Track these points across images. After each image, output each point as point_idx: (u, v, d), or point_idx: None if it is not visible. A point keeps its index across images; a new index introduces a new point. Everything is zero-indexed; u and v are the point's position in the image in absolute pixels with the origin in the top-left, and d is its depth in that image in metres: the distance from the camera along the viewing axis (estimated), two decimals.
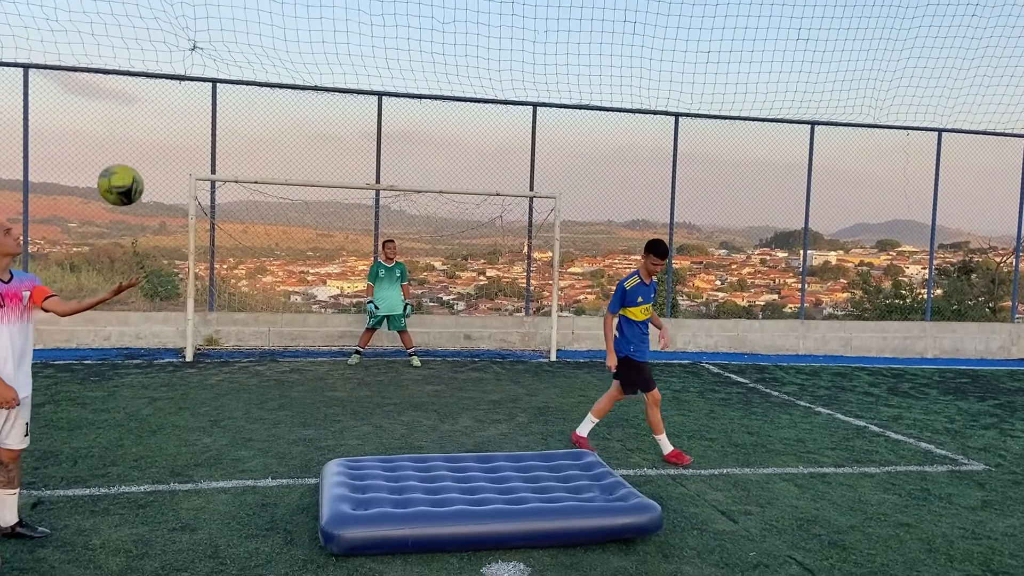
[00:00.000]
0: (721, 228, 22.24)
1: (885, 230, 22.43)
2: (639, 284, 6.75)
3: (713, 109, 13.91)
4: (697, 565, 4.59)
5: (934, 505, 5.88)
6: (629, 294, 6.74)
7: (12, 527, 4.62)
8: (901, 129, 14.52)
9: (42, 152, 11.64)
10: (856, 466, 6.90)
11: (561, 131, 13.73)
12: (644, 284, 6.78)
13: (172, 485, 5.68)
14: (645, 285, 6.79)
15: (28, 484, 5.56)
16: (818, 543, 5.01)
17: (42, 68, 11.49)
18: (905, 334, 14.79)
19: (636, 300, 6.73)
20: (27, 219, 11.67)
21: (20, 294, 4.51)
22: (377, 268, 11.49)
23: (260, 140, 13.13)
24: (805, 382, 11.28)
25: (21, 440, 4.62)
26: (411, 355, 11.56)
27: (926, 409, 9.65)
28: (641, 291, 6.75)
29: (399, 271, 11.49)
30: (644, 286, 6.78)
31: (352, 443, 7.04)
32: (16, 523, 4.64)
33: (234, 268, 17.08)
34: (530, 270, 13.99)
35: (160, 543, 4.62)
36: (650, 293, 6.84)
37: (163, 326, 12.24)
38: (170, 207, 14.87)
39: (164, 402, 8.42)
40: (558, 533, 4.71)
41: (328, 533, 4.49)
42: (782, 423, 8.53)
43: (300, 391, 9.27)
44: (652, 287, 6.89)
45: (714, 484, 6.19)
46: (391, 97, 12.75)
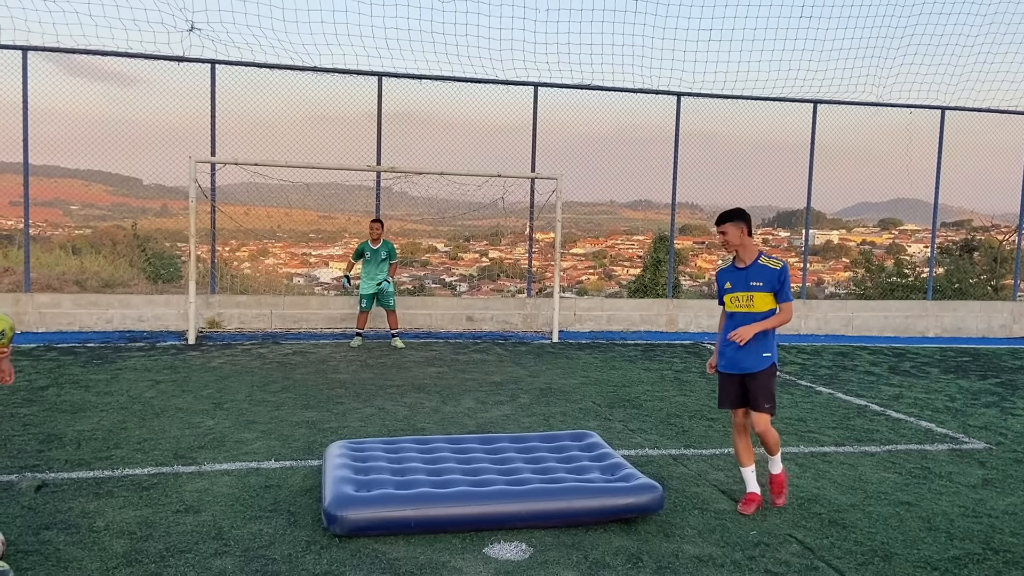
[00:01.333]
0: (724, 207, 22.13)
1: (888, 209, 22.36)
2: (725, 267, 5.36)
3: (715, 88, 13.85)
4: (698, 544, 4.62)
5: (934, 483, 5.90)
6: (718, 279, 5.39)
7: None
8: (904, 107, 14.43)
9: (43, 134, 11.62)
10: (857, 445, 6.92)
11: (563, 111, 13.67)
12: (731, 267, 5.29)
13: (176, 467, 5.72)
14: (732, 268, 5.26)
15: (32, 467, 5.60)
16: (818, 521, 5.04)
17: (41, 50, 11.43)
18: (907, 313, 14.78)
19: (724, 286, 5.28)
20: (28, 202, 11.66)
21: None
22: (363, 248, 11.50)
23: (260, 122, 13.07)
24: (806, 362, 11.29)
25: None
26: (394, 336, 11.59)
27: (927, 388, 9.67)
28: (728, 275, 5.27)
29: (385, 251, 11.46)
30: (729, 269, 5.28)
31: (355, 425, 7.07)
32: None
33: (236, 250, 17.08)
34: (532, 251, 13.97)
35: (164, 525, 4.66)
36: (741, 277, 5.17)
37: (165, 309, 12.25)
38: (171, 189, 14.86)
39: (167, 385, 8.45)
40: (560, 513, 4.73)
41: (331, 514, 4.51)
42: (783, 403, 8.54)
43: (303, 373, 9.30)
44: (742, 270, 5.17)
45: (715, 464, 6.21)
46: (391, 78, 12.68)
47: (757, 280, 5.08)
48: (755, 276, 5.09)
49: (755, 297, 5.08)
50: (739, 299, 5.15)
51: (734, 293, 5.17)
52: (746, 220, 5.12)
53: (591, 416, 7.69)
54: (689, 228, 22.25)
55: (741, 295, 5.14)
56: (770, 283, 5.06)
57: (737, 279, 5.16)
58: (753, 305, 5.10)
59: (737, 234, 5.10)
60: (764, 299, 5.08)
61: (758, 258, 5.15)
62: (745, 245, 5.13)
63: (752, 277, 5.10)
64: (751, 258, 5.14)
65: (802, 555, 4.52)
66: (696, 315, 13.99)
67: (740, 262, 5.18)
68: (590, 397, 8.51)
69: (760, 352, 5.14)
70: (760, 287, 5.07)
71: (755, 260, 5.13)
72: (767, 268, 5.09)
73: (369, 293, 11.39)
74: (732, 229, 5.10)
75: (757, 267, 5.11)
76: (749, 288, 5.10)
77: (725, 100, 13.93)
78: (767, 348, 5.17)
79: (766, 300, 5.08)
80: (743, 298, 5.13)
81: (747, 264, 5.14)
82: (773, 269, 5.08)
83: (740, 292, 5.14)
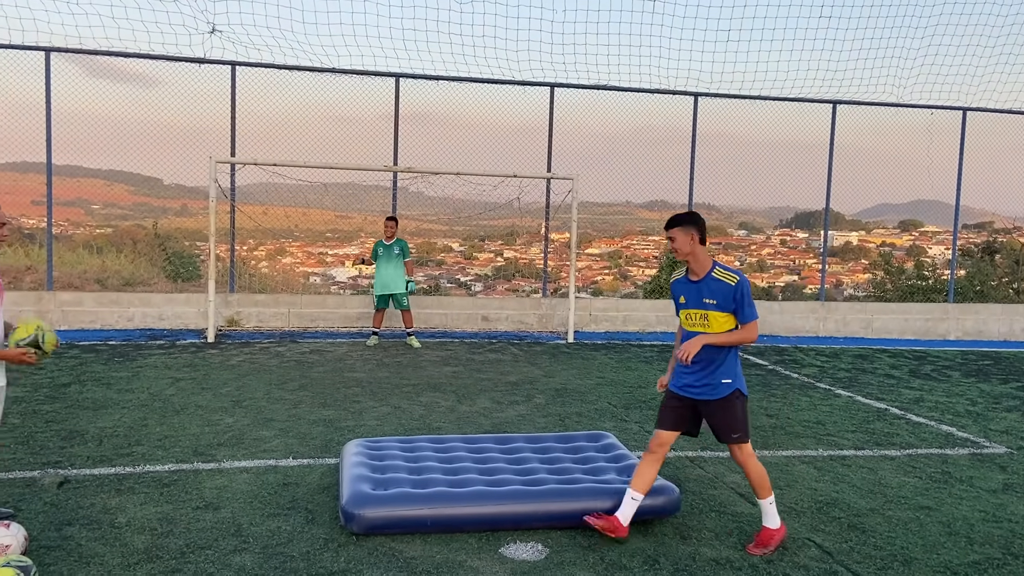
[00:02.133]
0: (741, 209, 22.09)
1: (908, 210, 22.17)
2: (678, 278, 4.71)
3: (733, 88, 13.77)
4: (715, 547, 4.61)
5: (955, 488, 5.85)
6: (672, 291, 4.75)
7: None
8: (925, 108, 14.30)
9: (65, 135, 11.77)
10: (876, 449, 6.87)
11: (579, 112, 13.65)
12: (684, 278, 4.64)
13: (195, 464, 5.77)
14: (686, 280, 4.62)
15: (55, 463, 5.67)
16: (837, 525, 5.01)
17: (64, 51, 11.57)
18: (927, 316, 14.65)
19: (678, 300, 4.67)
20: (51, 201, 11.80)
21: (1, 283, 4.59)
22: (377, 247, 11.53)
23: (279, 122, 13.17)
24: (825, 364, 11.22)
25: None
26: (409, 335, 11.62)
27: (948, 391, 9.58)
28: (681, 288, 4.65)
29: (398, 248, 11.47)
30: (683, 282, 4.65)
31: (371, 424, 7.10)
32: None
33: (254, 250, 17.20)
34: (547, 251, 13.97)
35: (184, 521, 4.70)
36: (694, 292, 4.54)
37: (185, 307, 12.36)
38: (191, 189, 14.99)
39: (187, 382, 8.52)
40: (576, 514, 4.73)
41: (348, 512, 4.54)
42: (801, 405, 8.50)
43: (320, 372, 9.35)
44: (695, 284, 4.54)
45: (733, 467, 6.18)
46: (408, 79, 12.72)
47: (710, 297, 4.44)
48: (708, 292, 4.45)
49: (710, 316, 4.44)
50: (692, 317, 4.51)
51: (688, 310, 4.54)
52: (698, 225, 4.47)
53: (607, 417, 7.68)
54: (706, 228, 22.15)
55: (694, 312, 4.50)
56: (725, 301, 4.41)
57: (690, 294, 4.53)
58: (708, 325, 4.45)
59: (686, 241, 4.44)
60: (720, 319, 4.43)
61: (712, 270, 4.48)
62: (696, 255, 4.46)
63: (705, 293, 4.46)
64: (704, 270, 4.49)
65: (820, 559, 4.49)
66: None
67: (693, 274, 4.54)
68: (606, 398, 8.50)
69: (718, 378, 4.48)
70: (714, 305, 4.43)
71: (708, 273, 4.48)
72: (722, 283, 4.42)
73: (383, 294, 11.43)
74: (680, 235, 4.44)
75: (711, 281, 4.46)
76: (702, 305, 4.46)
77: (743, 100, 13.86)
78: (726, 373, 4.48)
79: (723, 320, 4.43)
80: (696, 316, 4.50)
81: (700, 277, 4.50)
82: (728, 284, 4.41)
83: (693, 309, 4.51)
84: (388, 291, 11.40)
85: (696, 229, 4.45)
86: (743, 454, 4.59)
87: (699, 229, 4.47)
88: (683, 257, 4.50)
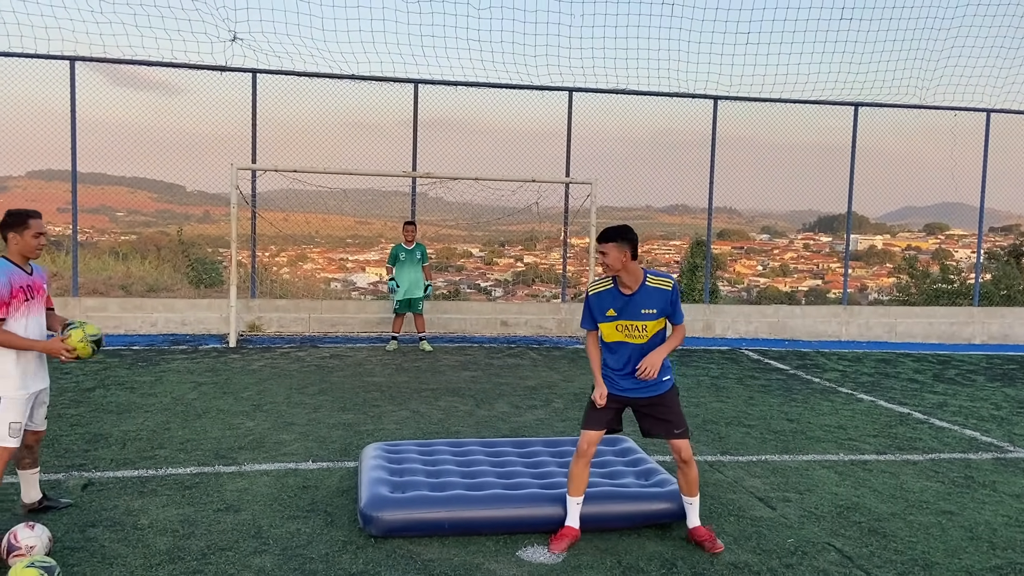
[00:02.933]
0: (763, 212, 21.96)
1: (933, 213, 21.93)
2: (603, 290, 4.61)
3: (753, 91, 13.70)
4: (734, 551, 4.58)
5: (978, 493, 5.77)
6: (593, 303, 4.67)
7: (39, 502, 4.85)
8: (948, 110, 14.14)
9: (90, 143, 11.95)
10: (898, 453, 6.79)
11: (598, 116, 13.65)
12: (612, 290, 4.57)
13: (217, 467, 5.83)
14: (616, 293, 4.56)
15: (79, 466, 5.75)
16: (858, 530, 4.96)
17: (88, 60, 11.75)
18: (952, 319, 14.47)
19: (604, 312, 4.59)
20: (76, 208, 11.99)
21: (43, 286, 4.72)
22: (397, 251, 11.60)
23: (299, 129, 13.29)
24: (847, 368, 11.11)
25: (43, 423, 4.86)
26: (421, 339, 11.67)
27: (972, 396, 9.45)
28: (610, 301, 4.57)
29: (419, 252, 11.56)
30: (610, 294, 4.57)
31: (390, 427, 7.14)
32: (41, 498, 4.87)
33: (275, 256, 17.35)
34: (566, 256, 13.96)
35: (206, 523, 4.75)
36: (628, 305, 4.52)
37: (207, 312, 12.49)
38: (213, 196, 15.14)
39: (209, 387, 8.61)
40: (594, 518, 4.73)
41: (367, 515, 4.57)
42: (823, 410, 8.43)
43: (339, 376, 9.41)
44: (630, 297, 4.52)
45: (752, 471, 6.15)
46: (427, 84, 12.79)
47: (650, 307, 4.46)
48: (647, 302, 4.46)
49: (648, 326, 4.48)
50: (629, 328, 4.48)
51: (620, 321, 4.49)
52: (631, 241, 4.40)
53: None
54: (727, 233, 22.06)
55: (631, 324, 4.48)
56: (664, 306, 4.48)
57: (624, 306, 4.48)
58: (646, 334, 4.49)
59: (619, 257, 4.38)
60: (654, 325, 4.51)
61: (645, 280, 4.49)
62: (628, 269, 4.43)
63: (644, 304, 4.46)
64: (637, 282, 4.48)
65: (841, 564, 4.46)
66: (734, 321, 13.85)
67: (624, 287, 4.49)
68: None
69: (660, 375, 4.59)
70: (654, 314, 4.47)
71: (643, 283, 4.48)
72: (659, 290, 4.47)
73: (405, 298, 11.50)
74: (614, 251, 4.38)
75: (647, 291, 4.47)
76: (641, 316, 4.46)
77: (763, 103, 13.79)
78: (665, 371, 4.64)
79: (657, 325, 4.52)
80: (635, 328, 4.48)
81: (634, 289, 4.47)
82: (665, 290, 4.49)
83: (630, 321, 4.47)
84: (410, 295, 11.48)
85: (629, 246, 4.41)
86: (689, 450, 4.64)
87: (632, 246, 4.43)
88: (613, 272, 4.47)
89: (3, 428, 4.42)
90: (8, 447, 4.44)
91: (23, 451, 4.76)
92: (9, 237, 4.54)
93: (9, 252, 4.56)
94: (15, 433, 4.45)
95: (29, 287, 4.54)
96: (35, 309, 4.58)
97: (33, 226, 4.54)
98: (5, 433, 4.42)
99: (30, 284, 4.56)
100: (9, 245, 4.56)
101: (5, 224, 4.54)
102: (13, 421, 4.44)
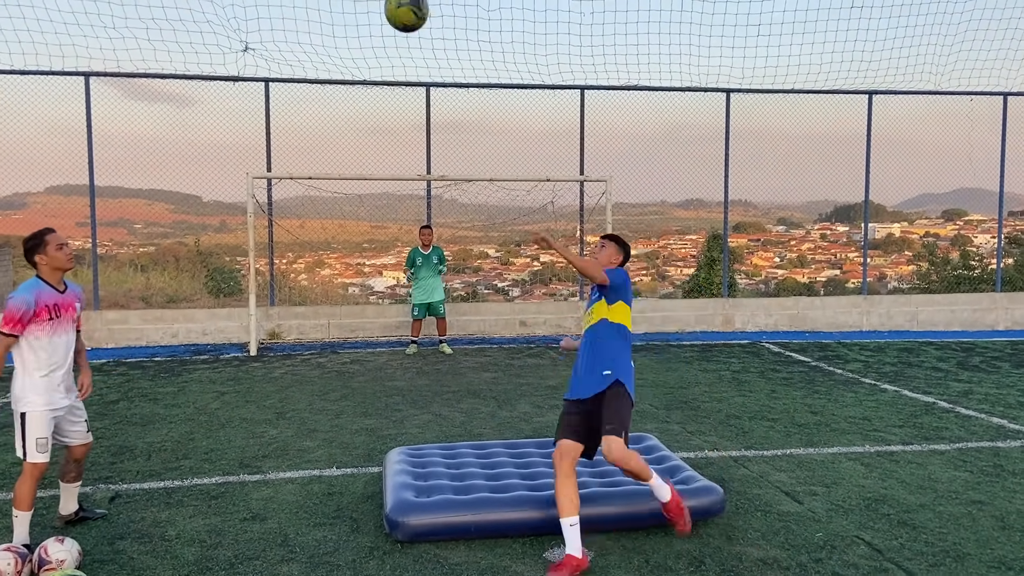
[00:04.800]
0: (779, 204, 21.83)
1: (951, 199, 21.69)
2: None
3: (766, 83, 13.61)
4: (762, 547, 4.55)
5: (1008, 481, 5.70)
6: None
7: (75, 514, 4.92)
8: (964, 95, 13.97)
9: (106, 156, 12.05)
10: (925, 443, 6.72)
11: (610, 113, 13.60)
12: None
13: (242, 476, 5.86)
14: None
15: (106, 479, 5.80)
16: (887, 522, 4.91)
17: (102, 75, 11.86)
18: (975, 306, 14.30)
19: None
20: (95, 222, 12.10)
21: (74, 304, 4.77)
22: (414, 255, 11.63)
23: (313, 136, 13.37)
24: (870, 359, 11.01)
25: (87, 435, 4.91)
26: (442, 342, 11.69)
27: (998, 383, 9.34)
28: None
29: (436, 256, 11.58)
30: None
31: (413, 431, 7.15)
32: (77, 509, 4.94)
33: (293, 263, 17.44)
34: (583, 254, 13.93)
35: (232, 533, 4.78)
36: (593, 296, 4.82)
37: (227, 322, 12.57)
38: (230, 205, 15.25)
39: (231, 396, 8.66)
40: (620, 517, 4.72)
41: (393, 520, 4.58)
42: (846, 401, 8.35)
43: (361, 381, 9.44)
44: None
45: (777, 465, 6.11)
46: (439, 87, 12.81)
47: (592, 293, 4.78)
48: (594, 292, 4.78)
49: (593, 309, 4.70)
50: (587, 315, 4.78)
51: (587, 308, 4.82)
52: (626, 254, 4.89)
53: (648, 419, 7.63)
54: (743, 226, 21.93)
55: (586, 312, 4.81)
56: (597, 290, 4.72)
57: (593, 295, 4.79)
58: (593, 316, 4.71)
59: (610, 255, 4.85)
60: (599, 308, 4.66)
61: None
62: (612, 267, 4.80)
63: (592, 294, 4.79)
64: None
65: (870, 557, 4.41)
66: (753, 314, 13.76)
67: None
68: (647, 399, 8.45)
69: (599, 370, 4.58)
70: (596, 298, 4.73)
71: None
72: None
73: (423, 302, 11.52)
74: (612, 248, 4.87)
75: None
76: (590, 303, 4.78)
77: (776, 95, 13.69)
78: (605, 364, 4.58)
79: (601, 309, 4.65)
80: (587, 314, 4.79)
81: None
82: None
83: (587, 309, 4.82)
84: (429, 300, 11.50)
85: (623, 255, 4.89)
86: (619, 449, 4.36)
87: (625, 257, 4.91)
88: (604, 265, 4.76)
89: (31, 444, 4.47)
90: (38, 463, 4.49)
91: (71, 464, 4.86)
92: (37, 260, 4.61)
93: (41, 273, 4.63)
94: (43, 448, 4.50)
95: (56, 306, 4.58)
96: (62, 327, 4.61)
97: (51, 240, 4.60)
98: (33, 449, 4.47)
99: (57, 303, 4.60)
100: (40, 268, 4.63)
101: (27, 252, 4.61)
102: (40, 437, 4.49)
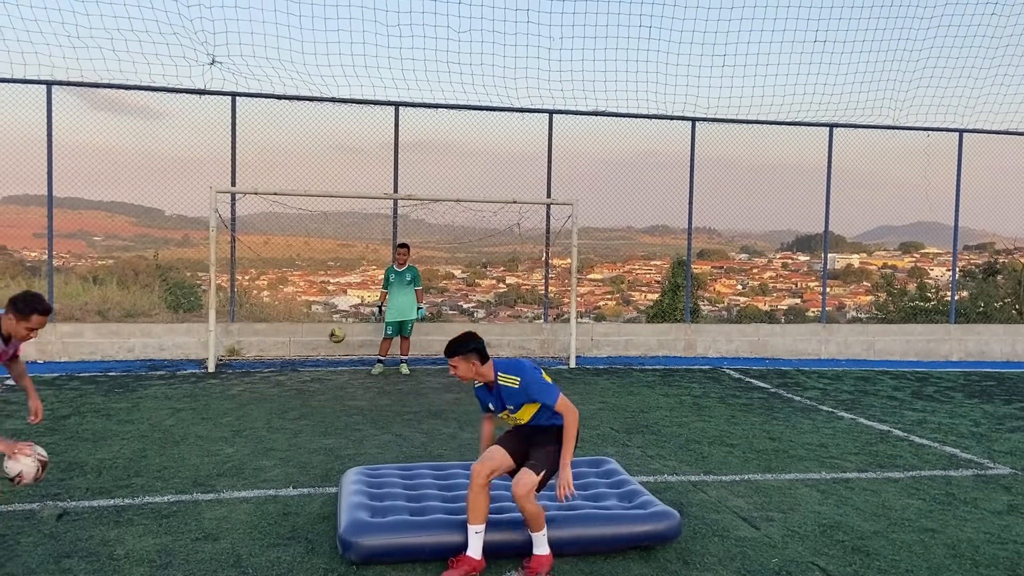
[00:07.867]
0: (742, 232, 22.14)
1: (908, 232, 22.19)
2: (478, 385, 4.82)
3: (731, 113, 13.85)
4: (718, 572, 4.56)
5: (959, 510, 5.80)
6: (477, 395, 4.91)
7: None
8: (921, 130, 14.39)
9: (67, 167, 11.83)
10: (880, 471, 6.82)
11: (578, 138, 13.73)
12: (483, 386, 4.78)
13: (195, 495, 5.74)
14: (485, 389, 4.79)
15: (54, 495, 5.64)
16: (841, 549, 4.96)
17: (65, 84, 11.68)
18: (929, 337, 14.61)
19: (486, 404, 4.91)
20: (52, 233, 11.85)
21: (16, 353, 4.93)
22: (388, 273, 11.59)
23: (279, 152, 13.26)
24: (827, 386, 11.17)
25: None
26: (402, 363, 11.61)
27: (951, 413, 9.52)
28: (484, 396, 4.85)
29: (410, 275, 11.53)
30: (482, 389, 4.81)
31: (372, 452, 7.07)
32: None
33: (256, 279, 17.24)
34: (548, 277, 13.98)
35: (183, 553, 4.67)
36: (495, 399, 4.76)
37: (186, 337, 12.36)
38: (192, 220, 15.06)
39: (187, 413, 8.50)
40: (577, 541, 4.70)
41: (346, 541, 4.51)
42: (804, 428, 8.45)
43: (321, 400, 9.33)
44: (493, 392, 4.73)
45: (735, 490, 6.15)
46: (408, 107, 12.83)
47: (509, 402, 4.62)
48: (505, 397, 4.62)
49: (517, 413, 4.65)
50: (505, 417, 4.72)
51: (499, 413, 4.74)
52: (477, 350, 4.55)
53: (609, 442, 7.64)
54: (707, 252, 22.20)
55: (505, 414, 4.70)
56: (519, 399, 4.57)
57: (494, 401, 4.72)
58: (520, 417, 4.66)
59: (468, 368, 4.56)
60: (526, 409, 4.63)
61: (496, 378, 4.61)
62: (480, 373, 4.60)
63: (504, 399, 4.63)
64: (492, 381, 4.65)
65: None
66: (715, 340, 13.91)
67: (489, 386, 4.70)
68: (608, 423, 8.46)
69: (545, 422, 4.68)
70: (515, 408, 4.63)
71: (496, 382, 4.61)
72: (508, 388, 4.57)
73: (395, 320, 11.42)
74: (462, 364, 4.55)
75: (500, 389, 4.60)
76: (506, 408, 4.66)
77: (741, 125, 13.95)
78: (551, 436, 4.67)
79: (529, 409, 4.62)
80: (508, 417, 4.70)
81: (493, 386, 4.66)
82: (513, 388, 4.56)
83: (503, 412, 4.70)
84: (401, 318, 11.42)
85: (476, 354, 4.56)
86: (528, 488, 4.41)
87: (479, 353, 4.57)
88: (467, 380, 4.65)
89: None
90: None
91: None
92: (11, 314, 4.56)
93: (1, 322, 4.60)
94: None
95: None
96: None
97: (33, 322, 4.57)
98: None
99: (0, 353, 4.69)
100: (3, 319, 4.60)
101: (13, 301, 4.56)
102: None
